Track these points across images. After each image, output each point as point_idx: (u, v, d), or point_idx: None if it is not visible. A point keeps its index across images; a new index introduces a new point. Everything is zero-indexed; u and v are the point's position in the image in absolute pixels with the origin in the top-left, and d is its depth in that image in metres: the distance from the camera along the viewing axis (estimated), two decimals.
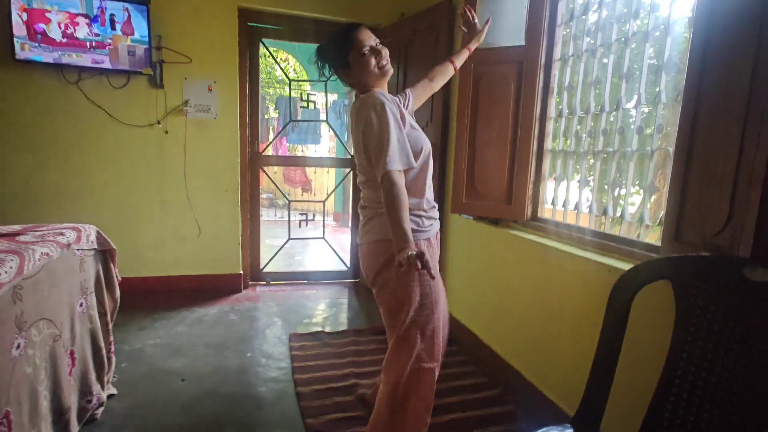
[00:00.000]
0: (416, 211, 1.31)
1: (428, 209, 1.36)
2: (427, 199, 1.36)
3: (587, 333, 1.53)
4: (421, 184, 1.33)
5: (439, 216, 1.43)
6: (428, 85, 1.59)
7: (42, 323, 1.33)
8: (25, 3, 2.41)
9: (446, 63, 1.63)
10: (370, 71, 1.29)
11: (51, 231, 1.55)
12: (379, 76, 1.31)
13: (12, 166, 2.61)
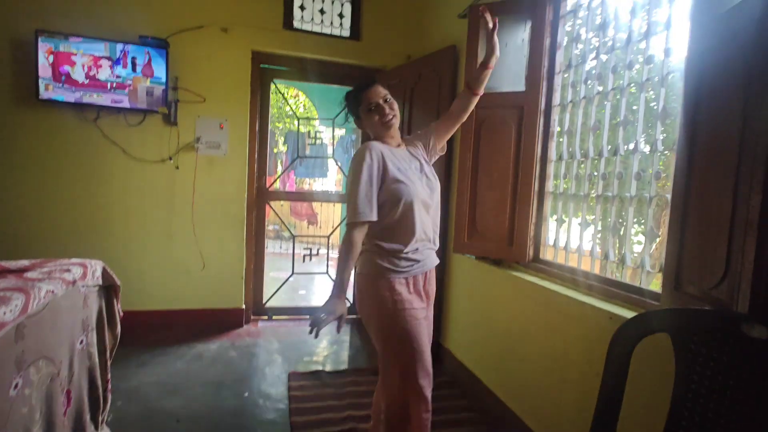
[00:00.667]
0: (396, 253, 1.40)
1: (411, 251, 1.41)
2: (416, 240, 1.40)
3: (591, 382, 1.49)
4: (404, 230, 1.39)
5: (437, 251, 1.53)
6: (451, 116, 1.60)
7: (41, 362, 1.33)
8: (52, 46, 2.57)
9: (465, 91, 1.57)
10: (374, 124, 1.44)
11: (58, 267, 1.58)
12: (383, 128, 1.44)
13: (29, 201, 2.69)
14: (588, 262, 1.77)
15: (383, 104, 1.43)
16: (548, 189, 2.05)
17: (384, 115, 1.42)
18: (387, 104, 1.43)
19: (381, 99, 1.43)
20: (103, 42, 2.66)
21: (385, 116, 1.42)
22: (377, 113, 1.42)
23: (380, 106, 1.42)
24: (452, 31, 2.64)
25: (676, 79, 1.45)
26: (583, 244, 1.83)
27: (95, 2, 2.70)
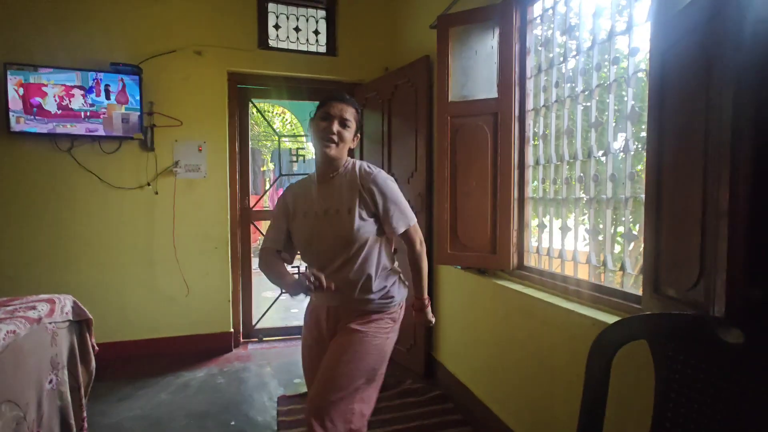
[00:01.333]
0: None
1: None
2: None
3: (578, 389, 1.44)
4: (305, 258, 1.46)
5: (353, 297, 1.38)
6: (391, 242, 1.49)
7: (4, 406, 1.27)
8: (21, 78, 2.54)
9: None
10: (316, 132, 1.34)
11: (23, 305, 1.53)
12: (320, 144, 1.33)
13: (2, 236, 2.63)
14: (571, 267, 1.74)
15: (335, 122, 1.32)
16: (528, 194, 2.02)
17: (328, 132, 1.31)
18: (340, 126, 1.33)
19: (338, 116, 1.33)
20: (74, 71, 2.63)
21: (328, 133, 1.31)
22: (324, 124, 1.32)
23: (332, 120, 1.32)
24: (425, 42, 2.64)
25: (642, 78, 1.44)
26: (565, 249, 1.80)
27: (64, 32, 2.68)
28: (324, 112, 1.34)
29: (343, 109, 1.34)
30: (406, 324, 2.72)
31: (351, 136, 1.37)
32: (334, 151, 1.33)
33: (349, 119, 1.35)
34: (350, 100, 1.38)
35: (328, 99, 1.37)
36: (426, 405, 2.26)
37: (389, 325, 1.42)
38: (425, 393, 2.38)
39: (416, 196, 2.67)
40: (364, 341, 1.35)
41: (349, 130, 1.36)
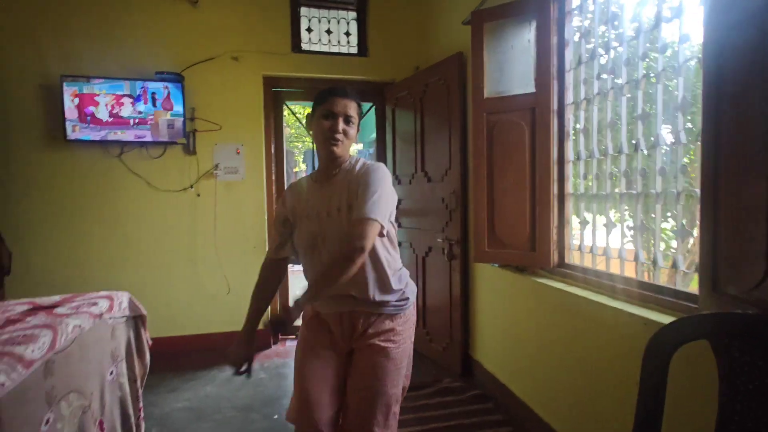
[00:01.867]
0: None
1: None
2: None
3: (628, 391, 1.39)
4: (306, 267, 1.36)
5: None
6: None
7: (72, 395, 1.36)
8: (76, 89, 2.71)
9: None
10: (320, 132, 1.25)
11: (86, 301, 1.63)
12: (325, 144, 1.25)
13: (61, 236, 2.82)
14: (617, 265, 1.68)
15: (339, 120, 1.24)
16: (568, 190, 1.97)
17: (333, 131, 1.23)
18: (345, 123, 1.25)
19: (342, 114, 1.24)
20: (123, 81, 2.78)
21: (333, 133, 1.23)
22: (329, 123, 1.24)
23: (336, 119, 1.23)
24: (457, 39, 2.62)
25: (694, 65, 1.38)
26: (610, 246, 1.74)
27: (113, 44, 2.84)
28: (326, 109, 1.25)
29: (347, 105, 1.25)
30: (442, 323, 2.75)
31: (355, 132, 1.29)
32: (340, 150, 1.26)
33: (353, 115, 1.27)
34: (352, 94, 1.28)
35: (329, 95, 1.26)
36: (465, 404, 2.25)
37: (408, 328, 1.36)
38: (464, 392, 2.37)
39: (450, 194, 2.66)
40: (395, 356, 1.29)
41: (353, 126, 1.28)
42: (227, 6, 3.01)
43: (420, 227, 3.01)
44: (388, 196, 1.23)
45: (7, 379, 1.07)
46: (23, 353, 1.16)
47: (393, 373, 1.29)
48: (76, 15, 2.78)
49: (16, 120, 2.72)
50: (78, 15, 2.78)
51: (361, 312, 1.30)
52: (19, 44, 2.71)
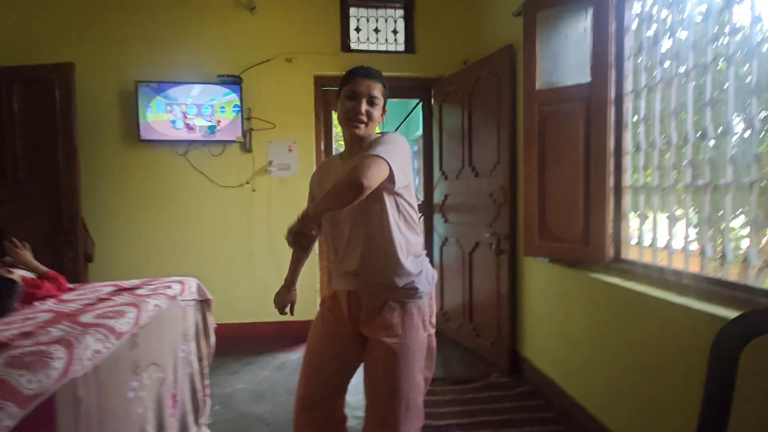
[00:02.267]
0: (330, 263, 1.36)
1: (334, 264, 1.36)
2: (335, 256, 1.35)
3: (692, 392, 1.33)
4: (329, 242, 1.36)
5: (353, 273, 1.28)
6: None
7: (152, 367, 1.51)
8: (149, 92, 2.95)
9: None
10: (343, 112, 1.25)
11: (162, 284, 1.80)
12: (346, 123, 1.25)
13: (133, 228, 3.10)
14: (681, 260, 1.60)
15: (363, 101, 1.22)
16: (626, 183, 1.90)
17: (356, 112, 1.22)
18: (368, 104, 1.23)
19: (366, 95, 1.22)
20: (189, 84, 3.00)
21: (356, 113, 1.22)
22: (352, 104, 1.23)
23: (360, 100, 1.22)
24: (507, 31, 2.59)
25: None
26: (673, 241, 1.66)
27: (180, 52, 3.07)
28: (350, 90, 1.23)
29: (371, 86, 1.23)
30: (490, 318, 2.73)
31: (379, 114, 1.27)
32: (363, 131, 1.24)
33: (377, 96, 1.24)
34: (377, 75, 1.26)
35: (353, 75, 1.25)
36: (515, 400, 2.23)
37: (421, 321, 1.28)
38: (513, 388, 2.35)
39: (498, 189, 2.63)
40: (404, 351, 1.23)
41: (377, 107, 1.25)
42: (282, 11, 3.16)
43: (467, 222, 3.00)
44: (402, 153, 1.18)
45: (104, 347, 1.21)
46: (114, 326, 1.30)
47: (404, 368, 1.23)
48: (149, 26, 3.03)
49: (99, 122, 3.01)
50: (151, 26, 3.04)
51: (367, 293, 1.27)
52: (102, 54, 3.00)
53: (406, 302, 1.25)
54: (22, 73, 2.67)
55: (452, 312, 3.20)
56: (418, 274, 1.26)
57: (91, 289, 1.82)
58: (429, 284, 1.31)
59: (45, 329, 1.22)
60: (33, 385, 0.95)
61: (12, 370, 0.94)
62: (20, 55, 2.80)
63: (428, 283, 1.30)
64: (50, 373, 0.99)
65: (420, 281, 1.27)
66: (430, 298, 1.33)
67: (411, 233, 1.28)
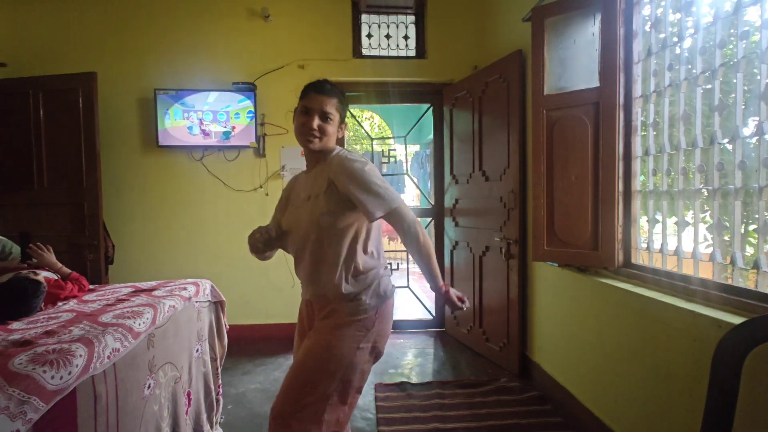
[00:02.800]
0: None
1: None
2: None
3: (700, 399, 1.32)
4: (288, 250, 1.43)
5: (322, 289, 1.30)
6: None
7: (167, 366, 1.57)
8: (167, 100, 3.06)
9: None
10: (296, 127, 1.28)
11: (177, 286, 1.87)
12: (299, 138, 1.28)
13: (150, 230, 3.20)
14: (690, 266, 1.59)
15: (315, 117, 1.24)
16: (635, 187, 1.89)
17: (308, 128, 1.23)
18: (321, 120, 1.24)
19: (318, 110, 1.24)
20: (205, 92, 3.09)
21: (308, 129, 1.24)
22: (304, 119, 1.25)
23: (312, 115, 1.24)
24: (517, 36, 2.60)
25: None
26: (682, 246, 1.65)
27: (197, 61, 3.17)
28: (303, 106, 1.26)
29: (324, 102, 1.24)
30: (499, 322, 2.73)
31: (334, 129, 1.28)
32: (318, 146, 1.26)
33: (331, 112, 1.25)
34: (331, 90, 1.27)
35: (307, 90, 1.28)
36: (523, 404, 2.22)
37: (360, 333, 1.25)
38: (521, 392, 2.35)
39: (509, 193, 2.64)
40: (329, 348, 1.22)
41: (332, 123, 1.26)
42: (295, 19, 3.23)
43: (477, 226, 3.01)
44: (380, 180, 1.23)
45: (122, 346, 1.27)
46: (132, 325, 1.36)
47: (319, 361, 1.21)
48: (167, 37, 3.14)
49: (119, 129, 3.13)
50: (169, 36, 3.14)
51: (319, 303, 1.30)
52: (123, 63, 3.11)
53: (347, 313, 1.25)
54: (48, 82, 2.79)
55: (462, 316, 3.20)
56: (365, 288, 1.27)
57: (111, 290, 1.89)
58: (378, 299, 1.28)
59: (67, 328, 1.28)
60: (56, 381, 1.01)
61: (37, 366, 1.00)
62: (46, 65, 2.94)
63: (377, 298, 1.28)
64: (72, 370, 1.05)
65: (367, 294, 1.26)
66: (379, 315, 1.28)
67: (361, 247, 1.28)
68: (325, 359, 1.22)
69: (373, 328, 1.27)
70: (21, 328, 1.34)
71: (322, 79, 1.31)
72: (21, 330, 1.32)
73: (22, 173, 2.81)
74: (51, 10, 3.06)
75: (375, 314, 1.27)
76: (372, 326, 1.26)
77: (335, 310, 1.27)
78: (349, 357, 1.23)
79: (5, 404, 0.89)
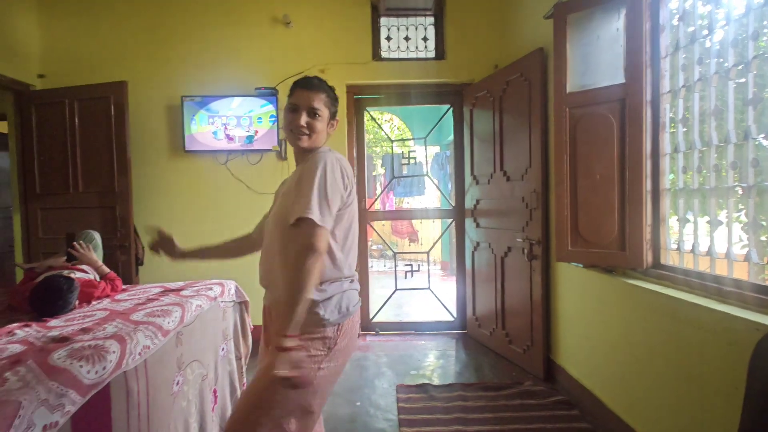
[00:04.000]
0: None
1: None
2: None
3: (739, 403, 1.27)
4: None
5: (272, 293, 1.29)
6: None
7: (194, 364, 1.62)
8: (193, 106, 3.15)
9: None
10: (285, 125, 1.25)
11: (203, 286, 1.92)
12: (289, 136, 1.24)
13: (178, 232, 3.27)
14: (723, 266, 1.53)
15: (303, 114, 1.19)
16: (664, 186, 1.83)
17: (296, 125, 1.19)
18: (309, 116, 1.20)
19: (305, 107, 1.19)
20: (230, 98, 3.17)
21: (296, 126, 1.19)
22: (292, 116, 1.21)
23: (299, 112, 1.19)
24: (538, 34, 2.56)
25: None
26: (715, 246, 1.58)
27: (221, 67, 3.25)
28: (291, 102, 1.22)
29: (311, 98, 1.20)
30: (522, 324, 2.69)
31: (324, 125, 1.23)
32: (306, 143, 1.21)
33: (319, 107, 1.20)
34: (319, 85, 1.22)
35: (295, 86, 1.23)
36: (548, 409, 2.18)
37: (319, 353, 1.13)
38: (546, 396, 2.30)
39: (531, 193, 2.60)
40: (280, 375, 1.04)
41: (321, 119, 1.21)
42: (315, 24, 3.28)
43: (499, 227, 2.97)
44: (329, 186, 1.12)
45: (152, 344, 1.32)
46: (162, 324, 1.41)
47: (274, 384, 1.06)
48: (193, 46, 3.24)
49: (148, 134, 3.24)
50: (195, 45, 3.24)
51: (275, 311, 1.21)
52: (152, 72, 3.23)
53: (309, 328, 1.12)
54: (82, 91, 2.93)
55: (484, 318, 3.17)
56: (324, 300, 1.15)
57: (141, 290, 1.96)
58: (339, 314, 1.17)
59: (101, 326, 1.34)
60: (92, 375, 1.05)
61: (74, 361, 1.05)
62: (80, 75, 3.08)
63: (338, 313, 1.17)
64: (106, 365, 1.10)
65: (325, 307, 1.15)
66: (341, 333, 1.17)
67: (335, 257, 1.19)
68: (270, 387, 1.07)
69: (335, 347, 1.15)
70: (59, 326, 1.40)
71: (312, 75, 1.27)
72: (59, 327, 1.38)
73: (60, 179, 2.95)
74: (85, 23, 3.21)
75: (336, 331, 1.16)
76: (334, 345, 1.15)
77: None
78: (309, 380, 1.10)
79: (45, 396, 0.94)
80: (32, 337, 1.27)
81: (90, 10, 3.21)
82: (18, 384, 0.94)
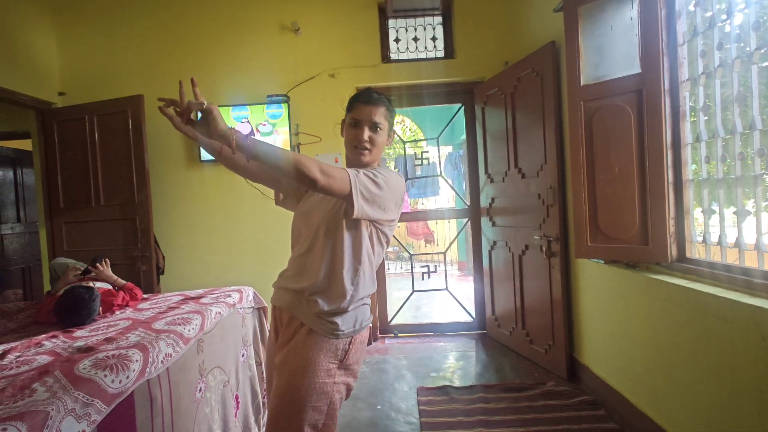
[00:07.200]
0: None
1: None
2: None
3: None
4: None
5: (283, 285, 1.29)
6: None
7: (216, 370, 1.64)
8: None
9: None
10: (348, 140, 1.24)
11: (222, 293, 1.94)
12: (351, 152, 1.24)
13: (196, 241, 3.35)
14: (753, 258, 1.47)
15: (365, 129, 1.20)
16: (687, 177, 1.77)
17: (359, 140, 1.20)
18: (371, 131, 1.21)
19: (368, 122, 1.20)
20: (242, 106, 3.22)
21: (359, 141, 1.20)
22: (355, 132, 1.22)
23: (362, 127, 1.20)
24: (548, 28, 2.52)
25: None
26: (743, 238, 1.52)
27: (233, 77, 3.30)
28: (353, 118, 1.22)
29: (372, 112, 1.21)
30: (543, 323, 2.64)
31: (384, 139, 1.25)
32: (368, 158, 1.23)
33: (381, 121, 1.21)
34: (379, 99, 1.23)
35: (355, 101, 1.24)
36: (573, 409, 2.13)
37: (332, 365, 1.15)
38: (571, 397, 2.25)
39: (547, 189, 2.55)
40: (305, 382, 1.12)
41: (382, 132, 1.23)
42: (324, 30, 3.31)
43: (515, 225, 2.93)
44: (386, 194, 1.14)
45: (173, 351, 1.34)
46: (183, 332, 1.43)
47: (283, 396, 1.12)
48: (205, 57, 3.30)
49: (165, 146, 3.31)
50: (208, 58, 3.30)
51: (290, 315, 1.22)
52: (167, 85, 3.30)
53: (318, 333, 1.15)
54: (100, 107, 3.01)
55: (503, 317, 3.12)
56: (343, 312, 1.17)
57: (162, 298, 2.00)
58: (353, 328, 1.18)
59: (124, 335, 1.37)
60: (116, 384, 1.07)
61: (98, 371, 1.07)
62: (99, 91, 3.18)
63: (352, 326, 1.18)
64: (129, 374, 1.12)
65: (344, 320, 1.16)
66: (352, 345, 1.18)
67: (370, 271, 1.22)
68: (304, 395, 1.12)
69: (345, 360, 1.17)
70: (84, 336, 1.44)
71: (366, 87, 1.27)
72: (84, 337, 1.42)
73: (83, 193, 3.04)
74: (102, 41, 3.30)
75: (348, 344, 1.17)
76: (345, 357, 1.17)
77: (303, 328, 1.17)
78: (325, 391, 1.13)
79: (72, 406, 0.96)
80: (59, 348, 1.30)
81: (105, 28, 3.31)
82: (46, 395, 0.96)
